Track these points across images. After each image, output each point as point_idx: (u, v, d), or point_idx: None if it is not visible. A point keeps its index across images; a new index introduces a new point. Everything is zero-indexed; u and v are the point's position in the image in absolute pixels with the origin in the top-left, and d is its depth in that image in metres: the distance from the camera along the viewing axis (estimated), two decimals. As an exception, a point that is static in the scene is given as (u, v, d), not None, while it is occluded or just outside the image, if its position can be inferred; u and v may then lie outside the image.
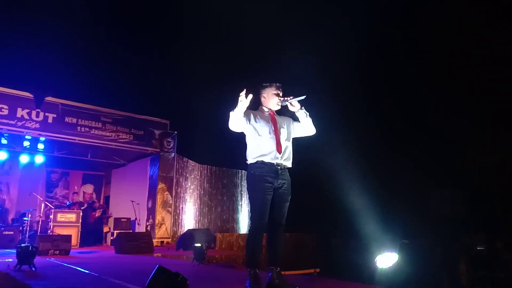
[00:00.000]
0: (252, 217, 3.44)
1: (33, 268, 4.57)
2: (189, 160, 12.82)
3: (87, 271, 4.76)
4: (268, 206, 3.37)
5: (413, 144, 10.56)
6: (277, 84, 3.64)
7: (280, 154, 3.42)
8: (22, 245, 4.93)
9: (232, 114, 3.37)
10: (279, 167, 3.43)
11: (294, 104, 3.55)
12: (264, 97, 3.64)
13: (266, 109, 3.62)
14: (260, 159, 3.42)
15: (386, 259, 3.65)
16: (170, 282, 2.23)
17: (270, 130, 3.48)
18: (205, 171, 13.31)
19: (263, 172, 3.39)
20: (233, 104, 3.46)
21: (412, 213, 9.69)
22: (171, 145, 12.04)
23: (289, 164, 3.54)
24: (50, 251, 7.19)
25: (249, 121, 3.49)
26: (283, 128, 3.56)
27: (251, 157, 3.48)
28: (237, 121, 3.39)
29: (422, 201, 10.38)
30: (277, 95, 3.59)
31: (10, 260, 5.38)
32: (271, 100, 3.60)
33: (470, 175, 9.67)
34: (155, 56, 14.52)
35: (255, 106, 3.68)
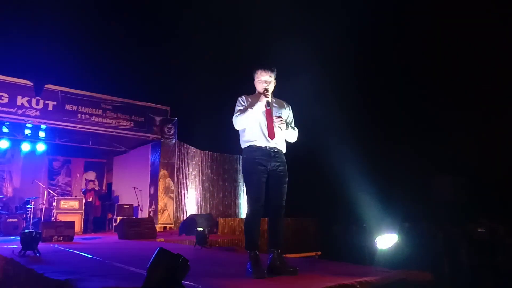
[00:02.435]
0: (249, 200, 3.47)
1: (37, 254, 4.63)
2: (190, 147, 12.84)
3: (90, 256, 4.82)
4: (263, 189, 3.39)
5: (414, 130, 10.54)
6: (264, 68, 3.53)
7: (272, 139, 3.42)
8: (26, 231, 4.98)
9: (240, 118, 3.41)
10: (272, 150, 3.43)
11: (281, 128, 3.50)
12: (256, 81, 3.59)
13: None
14: (252, 143, 3.44)
15: (386, 240, 3.68)
16: (171, 263, 2.25)
17: (262, 116, 3.46)
18: (206, 157, 13.35)
19: (256, 156, 3.40)
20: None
21: (413, 199, 9.72)
22: (172, 131, 12.06)
23: (283, 148, 3.54)
24: (54, 238, 7.26)
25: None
26: (278, 113, 3.52)
27: (244, 141, 3.50)
28: (245, 123, 3.44)
29: (423, 187, 10.40)
30: (264, 82, 3.51)
31: (15, 246, 5.43)
32: (259, 85, 3.56)
33: (472, 161, 9.67)
34: (154, 42, 14.42)
35: (253, 90, 3.66)
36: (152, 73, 13.78)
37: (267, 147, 3.41)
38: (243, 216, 13.41)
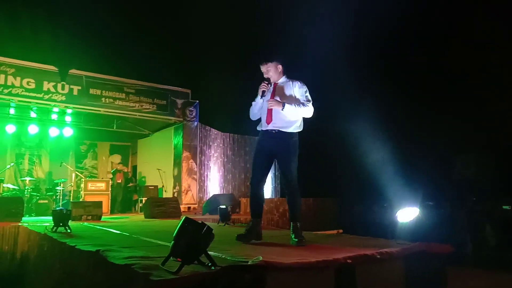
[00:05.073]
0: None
1: (68, 230, 4.84)
2: (211, 129, 12.98)
3: (118, 232, 5.01)
4: (259, 167, 3.81)
5: (437, 107, 10.35)
6: (259, 63, 3.89)
7: (269, 123, 3.74)
8: (57, 208, 5.21)
9: (250, 110, 3.94)
10: (273, 131, 3.74)
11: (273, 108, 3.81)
12: None
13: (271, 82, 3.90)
14: (260, 128, 3.88)
15: (407, 214, 3.71)
16: (196, 230, 2.35)
17: (266, 104, 3.78)
18: (228, 139, 13.47)
19: (260, 139, 3.85)
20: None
21: (436, 177, 9.60)
22: (194, 114, 12.20)
23: (286, 129, 3.73)
24: (83, 217, 7.55)
25: None
26: (276, 98, 3.77)
27: (257, 126, 3.94)
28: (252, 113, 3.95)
29: (446, 165, 10.25)
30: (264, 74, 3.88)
31: (47, 224, 5.68)
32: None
33: (496, 138, 9.46)
34: (176, 26, 14.47)
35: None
36: (173, 56, 13.88)
37: (267, 130, 3.76)
38: (265, 196, 13.54)
